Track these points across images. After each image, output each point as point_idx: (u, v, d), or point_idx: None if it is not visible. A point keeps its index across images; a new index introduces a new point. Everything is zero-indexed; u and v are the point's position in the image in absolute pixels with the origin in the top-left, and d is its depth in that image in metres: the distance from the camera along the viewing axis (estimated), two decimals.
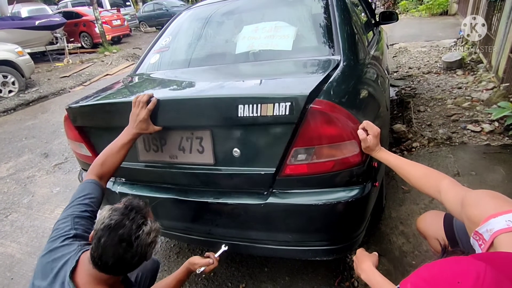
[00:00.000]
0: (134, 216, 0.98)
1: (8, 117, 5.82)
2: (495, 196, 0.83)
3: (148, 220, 1.01)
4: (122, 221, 0.96)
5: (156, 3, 16.64)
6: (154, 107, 1.35)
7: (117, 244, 0.93)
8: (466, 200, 0.86)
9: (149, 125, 1.36)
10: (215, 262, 1.37)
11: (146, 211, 1.03)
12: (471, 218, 0.81)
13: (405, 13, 11.71)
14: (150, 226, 1.00)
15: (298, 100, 1.17)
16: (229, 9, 2.21)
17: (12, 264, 2.25)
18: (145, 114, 1.32)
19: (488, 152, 2.64)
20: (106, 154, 1.31)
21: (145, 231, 0.98)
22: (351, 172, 1.28)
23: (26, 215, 2.81)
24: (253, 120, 1.22)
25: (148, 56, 2.20)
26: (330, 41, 1.69)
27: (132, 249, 0.95)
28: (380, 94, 1.77)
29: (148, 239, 0.98)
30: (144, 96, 1.35)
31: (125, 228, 0.95)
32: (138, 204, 1.04)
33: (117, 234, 0.94)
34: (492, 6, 4.52)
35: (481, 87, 3.93)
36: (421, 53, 6.17)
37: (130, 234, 0.95)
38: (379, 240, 1.94)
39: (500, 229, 0.73)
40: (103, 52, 10.44)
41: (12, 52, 6.63)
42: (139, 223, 0.97)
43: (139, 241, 0.96)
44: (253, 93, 1.29)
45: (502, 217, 0.75)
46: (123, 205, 1.02)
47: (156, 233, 1.02)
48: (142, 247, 0.97)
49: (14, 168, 3.75)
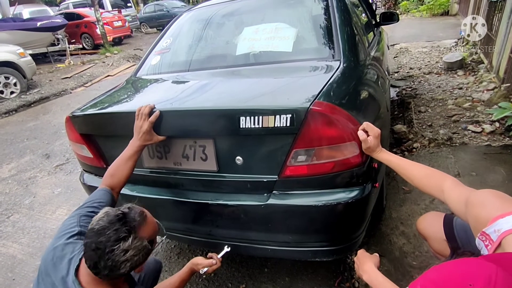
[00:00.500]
0: (118, 227, 0.93)
1: (10, 118, 5.85)
2: (500, 196, 0.82)
3: (131, 236, 0.93)
4: (105, 229, 0.92)
5: (157, 4, 16.70)
6: (156, 119, 1.37)
7: (94, 250, 0.91)
8: (471, 200, 0.86)
9: (152, 136, 1.39)
10: (218, 263, 1.38)
11: (136, 225, 0.97)
12: (478, 219, 0.80)
13: (406, 13, 11.71)
14: (129, 243, 0.92)
15: (299, 112, 1.19)
16: (230, 11, 2.22)
17: (14, 265, 2.26)
18: (147, 126, 1.36)
19: (489, 152, 2.64)
20: (115, 166, 1.35)
21: (122, 247, 0.91)
22: (351, 173, 1.29)
23: (28, 216, 2.82)
24: (255, 131, 1.24)
25: (149, 58, 2.20)
26: (330, 43, 1.69)
27: (104, 260, 0.91)
28: (380, 95, 1.77)
29: (122, 256, 0.91)
30: (146, 108, 1.38)
31: (105, 237, 0.91)
32: (133, 215, 0.98)
33: (96, 240, 0.92)
34: (493, 6, 4.51)
35: (482, 88, 3.93)
36: (422, 54, 6.17)
37: (106, 246, 0.91)
38: (379, 240, 1.94)
39: (508, 229, 0.72)
40: (104, 53, 10.47)
41: (14, 54, 6.66)
42: (119, 237, 0.92)
43: (111, 255, 0.91)
44: (255, 106, 1.30)
45: (510, 217, 0.74)
46: (117, 212, 0.98)
47: (136, 251, 0.94)
48: (113, 262, 0.91)
49: (16, 169, 3.76)
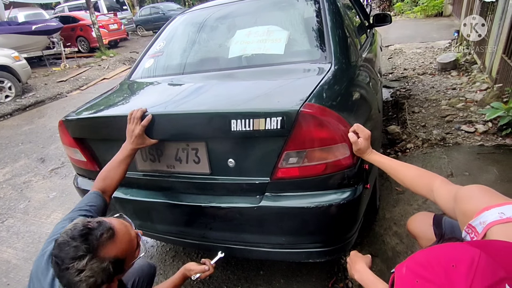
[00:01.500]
0: (77, 244, 0.88)
1: (4, 122, 5.82)
2: (487, 191, 0.85)
3: (88, 256, 0.87)
4: (65, 244, 0.89)
5: (152, 7, 16.72)
6: (148, 123, 1.38)
7: (55, 263, 0.89)
8: (459, 195, 0.88)
9: (145, 140, 1.40)
10: (211, 269, 1.39)
11: (97, 244, 0.90)
12: (465, 212, 0.82)
13: (401, 14, 11.79)
14: (84, 264, 0.86)
15: (289, 115, 1.20)
16: (223, 14, 2.23)
17: (8, 270, 2.25)
18: (139, 130, 1.36)
19: (482, 152, 2.66)
20: (107, 169, 1.34)
21: (76, 266, 0.86)
22: (343, 174, 1.30)
23: (23, 221, 2.81)
24: (246, 134, 1.25)
25: (143, 61, 2.21)
26: (322, 45, 1.70)
27: (60, 276, 0.88)
28: (371, 96, 1.79)
29: (75, 276, 0.86)
30: (138, 111, 1.38)
31: (63, 252, 0.88)
32: (98, 232, 0.92)
33: (57, 254, 0.89)
34: (485, 7, 4.56)
35: (475, 88, 3.97)
36: (416, 54, 6.22)
37: (63, 262, 0.87)
38: (372, 241, 1.95)
39: (493, 221, 0.74)
40: (100, 56, 10.45)
41: (8, 57, 6.63)
42: (75, 255, 0.87)
43: (66, 273, 0.87)
44: (245, 109, 1.31)
45: (495, 209, 0.76)
46: (84, 225, 0.92)
47: (92, 273, 0.87)
48: (67, 280, 0.87)
49: (10, 173, 3.75)
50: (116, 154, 1.38)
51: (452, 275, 0.61)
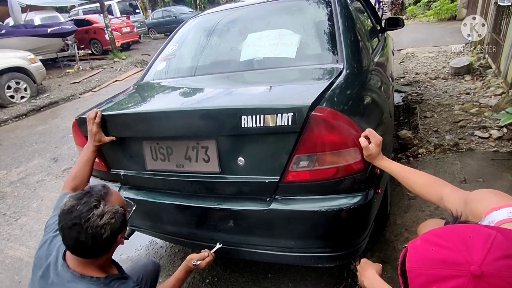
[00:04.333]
0: (87, 200, 1.00)
1: (19, 122, 5.96)
2: (498, 193, 0.86)
3: (101, 203, 1.01)
4: (74, 206, 0.99)
5: (165, 10, 16.94)
6: (100, 120, 1.52)
7: (71, 227, 0.97)
8: (469, 198, 0.89)
9: (101, 137, 1.54)
10: (210, 256, 1.41)
11: (102, 194, 1.04)
12: (475, 213, 0.83)
13: (413, 18, 11.66)
14: (102, 209, 1.00)
15: (301, 110, 1.19)
16: (234, 18, 2.24)
17: (21, 267, 2.29)
18: (95, 127, 1.52)
19: (496, 158, 2.61)
20: (76, 169, 1.47)
21: (96, 213, 0.99)
22: (354, 179, 1.29)
23: (35, 219, 2.86)
24: (256, 130, 1.24)
25: (155, 64, 2.24)
26: (334, 49, 1.70)
27: (84, 231, 0.97)
28: (383, 101, 1.77)
29: (99, 221, 0.99)
30: (92, 113, 1.54)
31: (77, 212, 0.98)
32: (97, 188, 1.06)
33: (70, 217, 0.98)
34: (501, 10, 4.48)
35: (489, 93, 3.89)
36: (429, 59, 6.13)
37: (81, 217, 0.97)
38: (383, 247, 1.92)
39: (501, 220, 0.75)
40: (112, 59, 10.61)
41: (24, 59, 6.80)
42: (90, 206, 0.99)
43: (89, 223, 0.97)
44: (256, 105, 1.31)
45: (505, 209, 0.77)
46: (80, 192, 1.05)
47: (111, 215, 1.02)
48: (93, 229, 0.98)
49: (24, 173, 3.83)
50: (81, 154, 1.52)
51: (469, 243, 0.62)
